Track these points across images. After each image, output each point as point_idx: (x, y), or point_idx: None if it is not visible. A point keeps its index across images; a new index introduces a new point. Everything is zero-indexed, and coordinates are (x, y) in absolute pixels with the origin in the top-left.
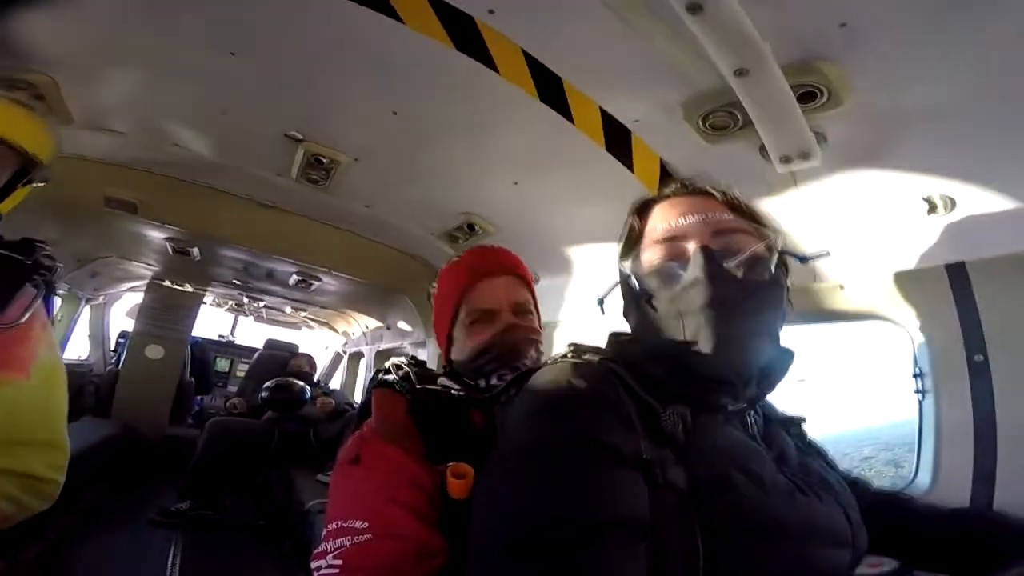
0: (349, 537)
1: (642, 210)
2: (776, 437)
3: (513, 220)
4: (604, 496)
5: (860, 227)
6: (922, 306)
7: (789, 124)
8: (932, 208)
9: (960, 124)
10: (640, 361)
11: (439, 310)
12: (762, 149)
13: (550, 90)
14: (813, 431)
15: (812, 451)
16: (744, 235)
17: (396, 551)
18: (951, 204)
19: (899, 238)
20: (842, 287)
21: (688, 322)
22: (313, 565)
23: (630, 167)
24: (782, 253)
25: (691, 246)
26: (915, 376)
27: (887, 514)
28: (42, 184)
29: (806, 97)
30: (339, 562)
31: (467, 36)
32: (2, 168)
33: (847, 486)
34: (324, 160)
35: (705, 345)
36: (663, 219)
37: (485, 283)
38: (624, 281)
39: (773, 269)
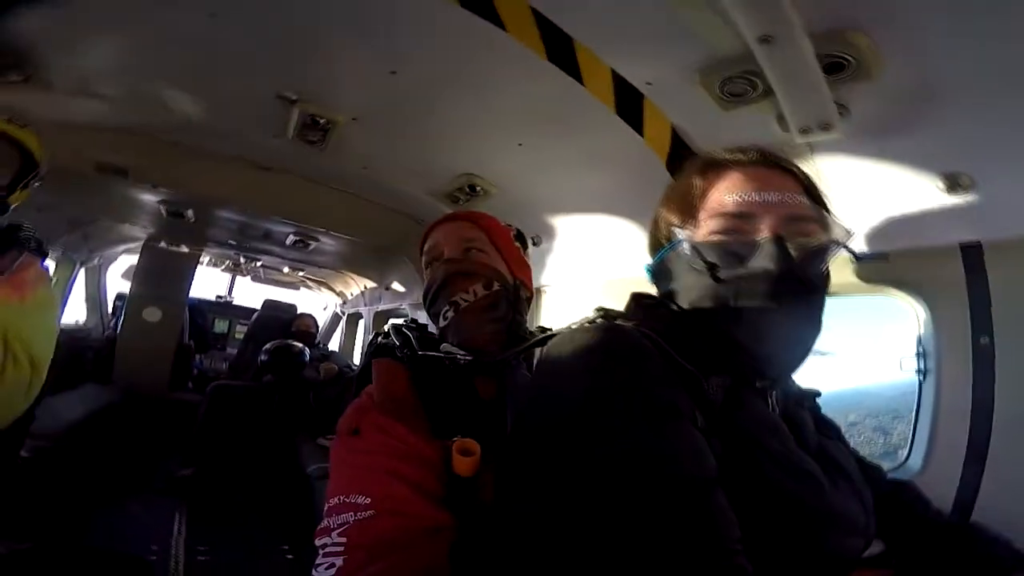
0: (352, 513)
1: (708, 170)
2: (796, 415)
3: (515, 182)
4: (681, 449)
5: (875, 201)
6: (932, 284)
7: (812, 94)
8: (952, 186)
9: (986, 103)
10: (676, 329)
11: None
12: (780, 118)
13: (559, 50)
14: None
15: (826, 429)
16: (816, 225)
17: (400, 527)
18: (972, 183)
19: (915, 214)
20: (852, 261)
21: (744, 308)
22: (318, 542)
23: (640, 132)
24: (844, 247)
25: (763, 229)
26: (917, 355)
27: (888, 508)
28: (38, 184)
29: (832, 67)
30: (344, 540)
31: None
32: (9, 167)
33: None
34: (321, 121)
35: (760, 333)
36: (735, 189)
37: (437, 228)
38: (674, 244)
39: (828, 262)
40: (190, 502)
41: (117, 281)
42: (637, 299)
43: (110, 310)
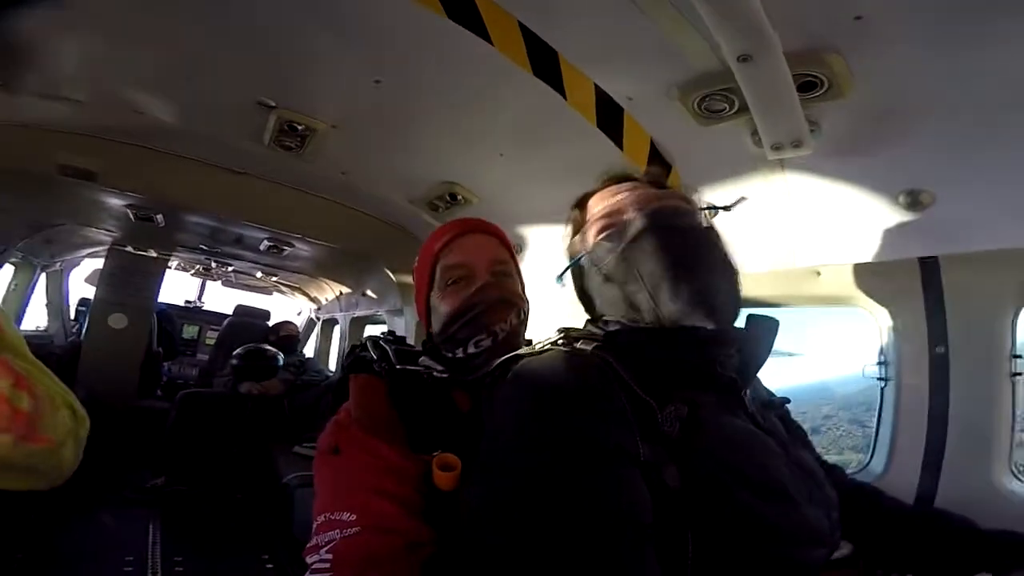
0: (338, 530)
1: (581, 204)
2: (773, 423)
3: (497, 192)
4: (615, 498)
5: (841, 215)
6: (893, 296)
7: (785, 112)
8: (913, 202)
9: (949, 124)
10: (631, 346)
11: (417, 278)
12: (754, 135)
13: (544, 64)
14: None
15: (797, 437)
16: (674, 199)
17: (386, 543)
18: (932, 200)
19: (878, 229)
20: (818, 273)
21: (647, 273)
22: (308, 560)
23: (620, 145)
24: (706, 208)
25: (631, 212)
26: (879, 364)
27: (853, 505)
28: None
29: (805, 86)
30: (330, 556)
31: (462, 6)
32: None
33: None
34: (299, 127)
35: (673, 285)
36: (600, 202)
37: (461, 240)
38: (577, 263)
39: (704, 222)
40: (163, 511)
41: (80, 286)
42: (588, 324)
43: (72, 316)
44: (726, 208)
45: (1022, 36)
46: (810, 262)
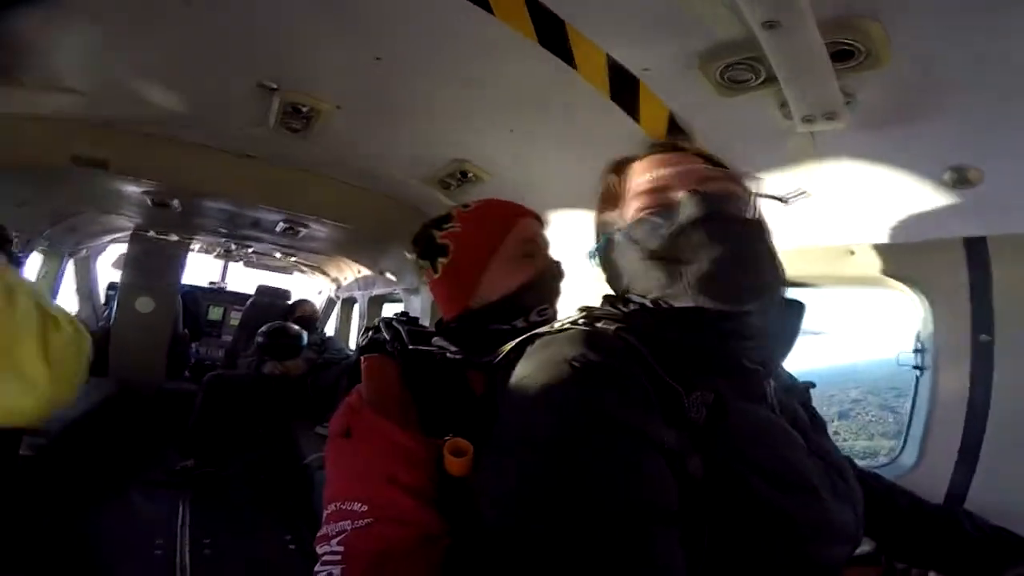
0: (349, 521)
1: (619, 168)
2: (796, 411)
3: (508, 168)
4: (641, 485)
5: (878, 191)
6: (934, 279)
7: (818, 83)
8: (959, 179)
9: (997, 96)
10: (656, 328)
11: (474, 245)
12: (783, 106)
13: (551, 33)
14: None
15: (818, 425)
16: (725, 181)
17: (398, 535)
18: (980, 177)
19: (919, 207)
20: (852, 252)
21: (691, 262)
22: (318, 550)
23: (636, 118)
24: (762, 196)
25: (679, 193)
26: (916, 351)
27: (872, 501)
28: None
29: (840, 55)
30: (341, 548)
31: None
32: None
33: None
34: (303, 109)
35: (712, 280)
36: (645, 172)
37: (529, 219)
38: (609, 238)
39: (756, 211)
40: (193, 494)
41: (108, 270)
42: (607, 299)
43: (102, 300)
44: (782, 200)
45: None
46: (842, 240)
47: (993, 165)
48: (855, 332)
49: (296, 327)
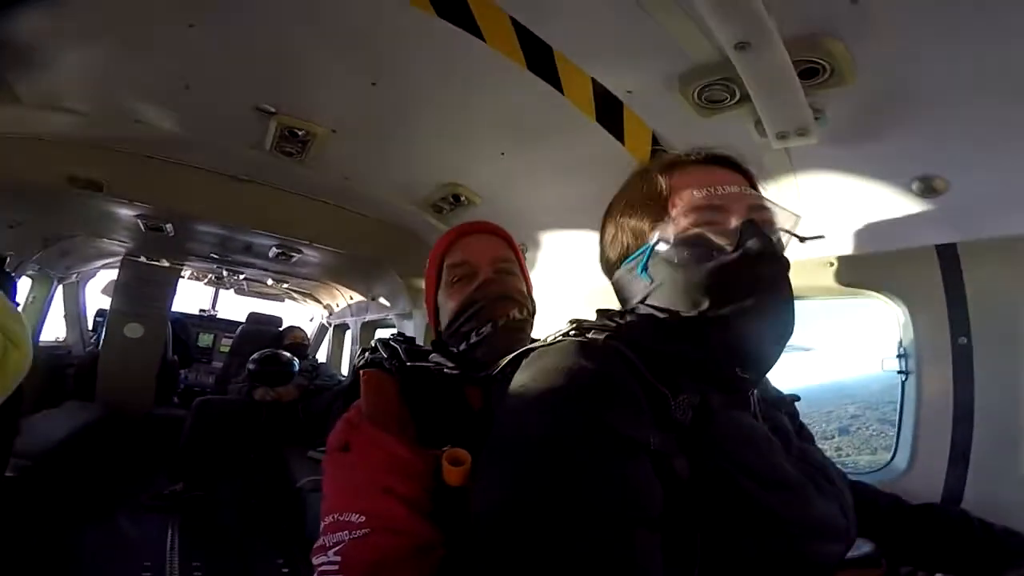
0: (347, 532)
1: (672, 169)
2: (777, 419)
3: (500, 191)
4: (625, 490)
5: (853, 204)
6: (911, 286)
7: (788, 100)
8: (926, 189)
9: (959, 107)
10: (647, 337)
11: (427, 278)
12: (758, 124)
13: (540, 60)
14: (790, 386)
15: (805, 435)
16: (770, 212)
17: (395, 545)
18: (946, 185)
19: (892, 217)
20: (832, 263)
21: (734, 293)
22: (314, 561)
23: (621, 139)
24: (787, 232)
25: (734, 218)
26: (899, 357)
27: (872, 504)
28: None
29: (807, 73)
30: (339, 558)
31: (452, 3)
32: None
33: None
34: (299, 132)
35: (750, 317)
36: (701, 184)
37: (465, 239)
38: (652, 245)
39: (787, 245)
40: (182, 517)
41: (97, 297)
42: (602, 313)
43: (90, 326)
44: (801, 239)
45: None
46: (822, 253)
47: (957, 174)
48: (848, 348)
49: (287, 354)
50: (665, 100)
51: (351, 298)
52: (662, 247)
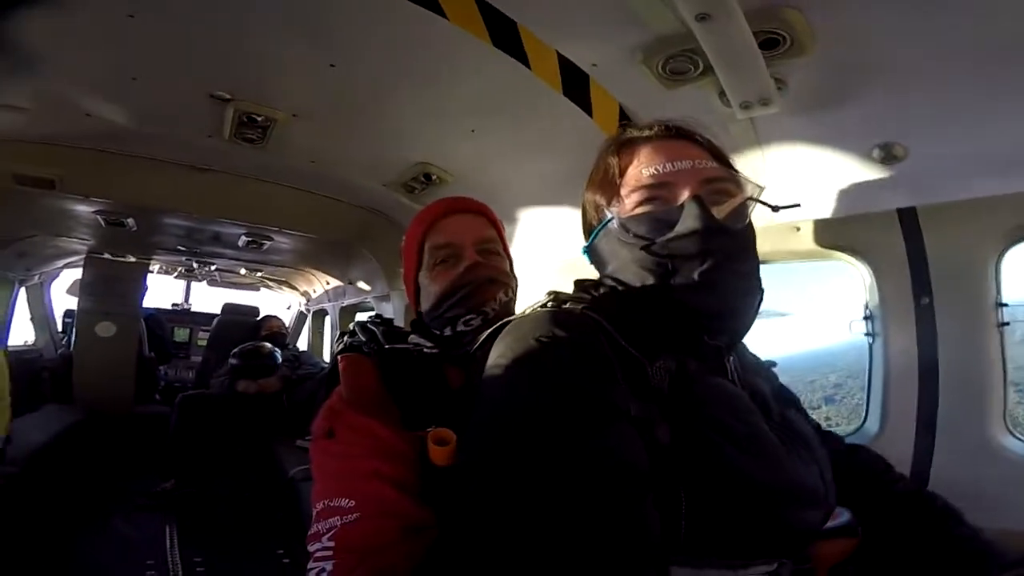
0: (339, 517)
1: (621, 149)
2: (755, 384)
3: (472, 169)
4: (612, 450)
5: (817, 170)
6: (874, 249)
7: (750, 70)
8: (887, 156)
9: (917, 77)
10: (621, 308)
11: (406, 259)
12: (722, 95)
13: (504, 35)
14: (769, 355)
15: (785, 398)
16: (728, 183)
17: (385, 528)
18: (905, 152)
19: (854, 182)
20: (797, 228)
21: (680, 269)
22: (310, 548)
23: (589, 112)
24: (759, 202)
25: (683, 193)
26: (865, 319)
27: (849, 471)
28: None
29: (768, 44)
30: (332, 543)
31: None
32: None
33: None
34: (258, 119)
35: (700, 290)
36: (649, 162)
37: (448, 219)
38: (604, 223)
39: (748, 216)
40: (179, 514)
41: (63, 297)
42: (579, 284)
43: (59, 328)
44: (775, 208)
45: None
46: (789, 218)
47: (916, 141)
48: (825, 315)
49: (269, 346)
50: (630, 73)
51: (328, 283)
52: (613, 225)
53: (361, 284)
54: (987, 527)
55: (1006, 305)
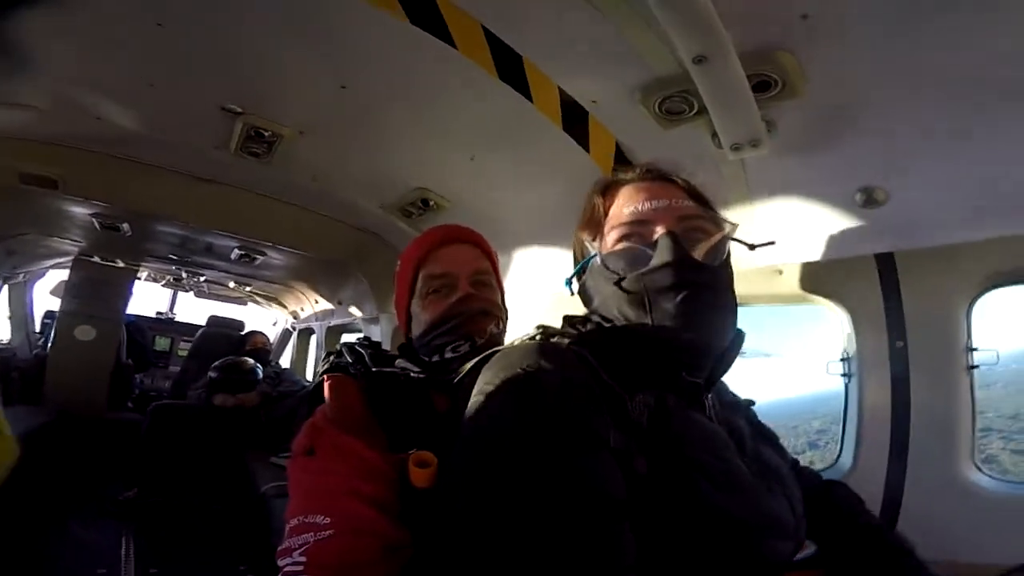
0: (312, 533)
1: (606, 191)
2: (732, 421)
3: (469, 196)
4: (592, 477)
5: (801, 213)
6: (853, 294)
7: (742, 112)
8: (868, 200)
9: (901, 123)
10: (604, 344)
11: (399, 284)
12: (714, 136)
13: (509, 68)
14: (757, 402)
15: (762, 435)
16: (704, 222)
17: (360, 546)
18: (886, 197)
19: (836, 226)
20: (780, 272)
21: (656, 302)
22: (279, 563)
23: (586, 148)
24: (734, 240)
25: (658, 230)
26: (842, 360)
27: (818, 505)
28: None
29: (760, 86)
30: (304, 559)
31: (424, 10)
32: None
33: (794, 474)
34: (266, 133)
35: (676, 323)
36: (629, 202)
37: (444, 249)
38: (588, 260)
39: (726, 254)
40: (137, 524)
41: (46, 298)
42: (567, 320)
43: (37, 329)
44: (751, 246)
45: (964, 33)
46: (772, 261)
47: (897, 186)
48: (808, 362)
49: (251, 361)
50: (628, 111)
51: (316, 302)
52: (596, 262)
53: (347, 301)
54: (956, 559)
55: (976, 349)
